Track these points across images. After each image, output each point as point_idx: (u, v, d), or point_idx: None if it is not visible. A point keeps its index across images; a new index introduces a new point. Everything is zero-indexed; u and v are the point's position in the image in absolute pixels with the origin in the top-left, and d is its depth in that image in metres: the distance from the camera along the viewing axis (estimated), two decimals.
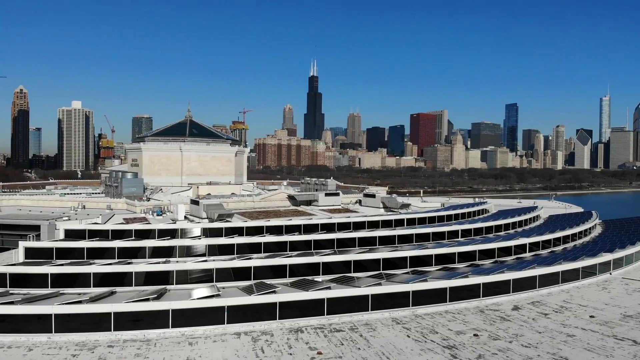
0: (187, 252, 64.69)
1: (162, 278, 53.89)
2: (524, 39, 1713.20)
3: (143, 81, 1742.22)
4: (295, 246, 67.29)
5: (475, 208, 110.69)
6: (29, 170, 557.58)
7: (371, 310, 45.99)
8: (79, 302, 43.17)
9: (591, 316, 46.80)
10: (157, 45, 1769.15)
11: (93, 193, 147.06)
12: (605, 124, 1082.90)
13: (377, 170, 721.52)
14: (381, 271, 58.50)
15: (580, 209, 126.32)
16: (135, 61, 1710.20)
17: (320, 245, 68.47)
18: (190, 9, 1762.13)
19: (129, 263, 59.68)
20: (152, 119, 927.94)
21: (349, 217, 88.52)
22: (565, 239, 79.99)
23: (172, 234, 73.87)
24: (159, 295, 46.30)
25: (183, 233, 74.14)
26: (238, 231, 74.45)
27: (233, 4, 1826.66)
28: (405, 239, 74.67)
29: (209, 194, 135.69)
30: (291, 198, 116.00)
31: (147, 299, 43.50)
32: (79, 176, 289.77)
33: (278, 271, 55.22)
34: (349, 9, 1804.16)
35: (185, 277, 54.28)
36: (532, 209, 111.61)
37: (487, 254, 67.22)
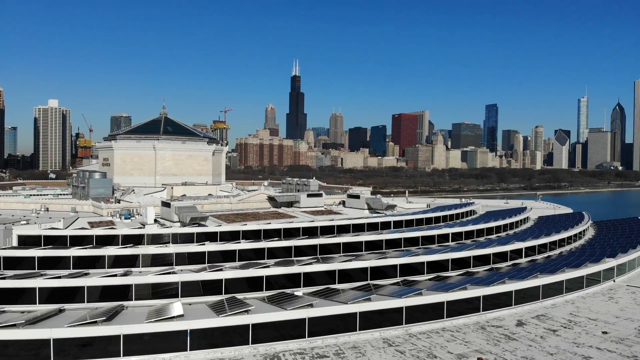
0: (153, 261, 57.88)
1: (119, 293, 47.12)
2: (503, 41, 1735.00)
3: (122, 80, 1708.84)
4: (274, 253, 61.05)
5: (463, 209, 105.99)
6: (4, 171, 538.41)
7: (359, 330, 40.13)
8: (13, 325, 36.20)
9: (604, 332, 41.80)
10: (137, 43, 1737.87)
11: (61, 194, 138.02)
12: (583, 124, 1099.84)
13: (359, 170, 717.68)
14: (369, 281, 52.69)
15: (569, 210, 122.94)
16: (114, 59, 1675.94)
17: (301, 251, 62.34)
18: (171, 7, 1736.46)
19: (85, 274, 52.75)
20: (131, 118, 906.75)
21: (332, 219, 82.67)
22: (561, 243, 75.55)
23: (138, 240, 66.87)
24: (111, 316, 39.55)
25: (150, 239, 67.23)
26: (211, 237, 67.84)
27: (214, 3, 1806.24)
28: (393, 244, 69.10)
29: (184, 195, 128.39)
30: (271, 199, 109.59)
31: (95, 322, 36.75)
32: (50, 176, 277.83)
33: (253, 284, 48.94)
34: (330, 9, 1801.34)
35: (147, 291, 47.59)
36: (522, 210, 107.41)
37: (481, 260, 62.11)
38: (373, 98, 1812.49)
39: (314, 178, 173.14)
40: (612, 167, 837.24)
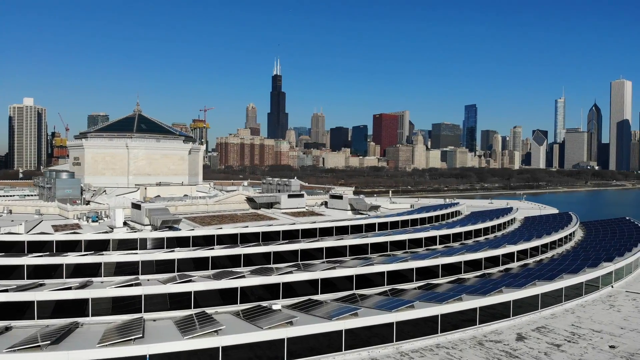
0: (117, 270, 52.51)
1: (75, 308, 41.80)
2: (482, 42, 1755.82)
3: (99, 78, 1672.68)
4: (251, 260, 56.25)
5: (449, 210, 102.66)
6: None
7: (345, 349, 35.75)
8: None
9: (611, 346, 38.31)
10: (115, 41, 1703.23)
11: (28, 195, 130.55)
12: (560, 125, 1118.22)
13: (340, 170, 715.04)
14: (354, 290, 48.38)
15: (554, 210, 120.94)
16: (91, 57, 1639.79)
17: (281, 257, 57.68)
18: (150, 3, 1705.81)
19: (39, 286, 47.19)
20: (109, 116, 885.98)
21: (314, 222, 78.16)
22: (552, 245, 72.54)
23: (103, 246, 61.28)
24: (61, 337, 34.32)
25: (116, 245, 61.70)
26: (183, 242, 62.65)
27: (194, 1, 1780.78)
28: (378, 248, 64.99)
29: (158, 195, 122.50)
30: (250, 200, 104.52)
31: (39, 346, 31.51)
32: (21, 176, 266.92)
33: (227, 296, 44.08)
34: (311, 9, 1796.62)
35: (107, 306, 42.37)
36: (508, 210, 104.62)
37: (473, 265, 58.46)
38: (354, 98, 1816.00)
39: (296, 178, 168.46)
40: (588, 167, 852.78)
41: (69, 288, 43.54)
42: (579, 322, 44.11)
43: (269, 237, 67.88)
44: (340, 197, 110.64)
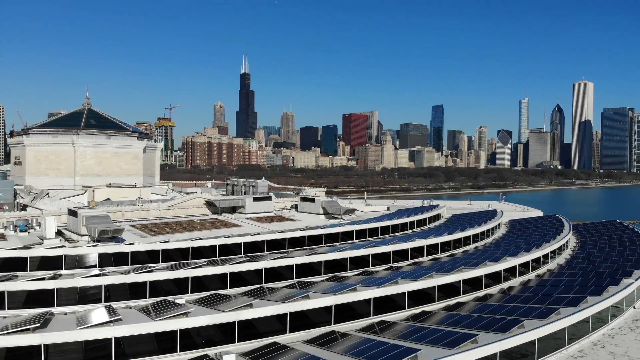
0: (27, 300, 40.52)
1: None
2: (447, 44, 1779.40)
3: (61, 75, 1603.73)
4: (202, 282, 45.14)
5: (429, 214, 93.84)
6: None
7: None
8: None
9: None
10: (77, 37, 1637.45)
11: None
12: (524, 125, 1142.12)
13: (311, 169, 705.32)
14: (332, 326, 37.97)
15: (538, 212, 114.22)
16: (52, 54, 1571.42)
17: (241, 279, 46.78)
18: (115, 1, 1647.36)
19: None
20: None
21: (283, 230, 67.32)
22: (552, 255, 64.29)
23: (19, 264, 49.00)
24: None
25: (37, 263, 49.43)
26: (120, 258, 50.95)
27: None
28: (359, 262, 55.01)
29: (108, 199, 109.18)
30: (210, 204, 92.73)
31: None
32: None
33: (163, 340, 32.87)
34: (279, 7, 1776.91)
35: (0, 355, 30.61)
36: (493, 214, 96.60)
37: (472, 283, 49.04)
38: (324, 97, 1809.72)
39: (264, 178, 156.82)
40: (552, 166, 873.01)
41: None
42: None
43: (228, 250, 56.86)
44: (312, 200, 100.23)
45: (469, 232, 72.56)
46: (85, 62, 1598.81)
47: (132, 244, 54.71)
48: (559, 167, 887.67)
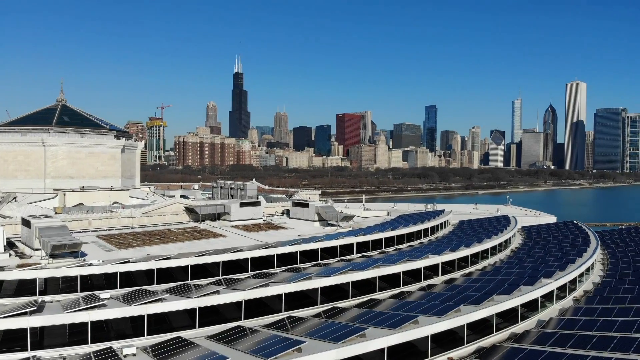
0: None
1: None
2: (441, 44, 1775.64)
3: (52, 74, 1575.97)
4: (166, 320, 35.15)
5: (436, 221, 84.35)
6: None
7: None
8: None
9: None
10: (70, 36, 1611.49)
11: None
12: (517, 125, 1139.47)
13: (304, 170, 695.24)
14: None
15: (551, 217, 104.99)
16: (44, 52, 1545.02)
17: (215, 313, 36.81)
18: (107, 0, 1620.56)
19: None
20: None
21: (269, 245, 57.18)
22: (587, 273, 54.99)
23: None
24: None
25: None
26: (68, 284, 40.82)
27: None
28: (364, 287, 45.26)
29: (81, 203, 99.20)
30: (190, 211, 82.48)
31: None
32: None
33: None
34: (274, 8, 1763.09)
35: None
36: (506, 220, 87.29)
37: (505, 316, 39.43)
38: (317, 97, 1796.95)
39: (254, 180, 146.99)
40: (545, 167, 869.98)
41: None
42: None
43: (204, 270, 46.86)
44: (305, 205, 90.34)
45: (486, 245, 63.11)
46: (76, 60, 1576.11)
47: (90, 264, 44.26)
48: (552, 167, 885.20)
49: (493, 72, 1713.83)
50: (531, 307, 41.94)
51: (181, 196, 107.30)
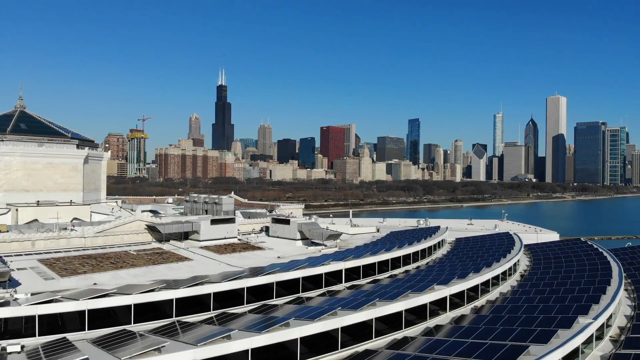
0: None
1: None
2: (423, 57, 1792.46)
3: (33, 82, 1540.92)
4: None
5: (433, 240, 75.33)
6: None
7: None
8: None
9: None
10: (50, 44, 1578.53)
11: None
12: (499, 138, 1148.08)
13: (288, 182, 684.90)
14: None
15: (554, 234, 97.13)
16: (21, 57, 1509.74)
17: None
18: (89, 3, 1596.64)
19: None
20: None
21: (239, 274, 47.21)
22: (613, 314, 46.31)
23: None
24: None
25: None
26: None
27: (132, 3, 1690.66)
28: (357, 333, 35.65)
29: (35, 219, 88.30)
30: (153, 229, 71.87)
31: None
32: None
33: None
34: (256, 19, 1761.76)
35: None
36: (509, 239, 78.76)
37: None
38: (301, 110, 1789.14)
39: (232, 193, 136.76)
40: (527, 179, 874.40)
41: None
42: None
43: (154, 309, 36.80)
44: (286, 222, 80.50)
45: (497, 270, 54.17)
46: (55, 70, 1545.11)
47: (14, 299, 33.83)
48: (534, 180, 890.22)
49: (475, 86, 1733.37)
50: (573, 357, 32.87)
51: (150, 211, 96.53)
